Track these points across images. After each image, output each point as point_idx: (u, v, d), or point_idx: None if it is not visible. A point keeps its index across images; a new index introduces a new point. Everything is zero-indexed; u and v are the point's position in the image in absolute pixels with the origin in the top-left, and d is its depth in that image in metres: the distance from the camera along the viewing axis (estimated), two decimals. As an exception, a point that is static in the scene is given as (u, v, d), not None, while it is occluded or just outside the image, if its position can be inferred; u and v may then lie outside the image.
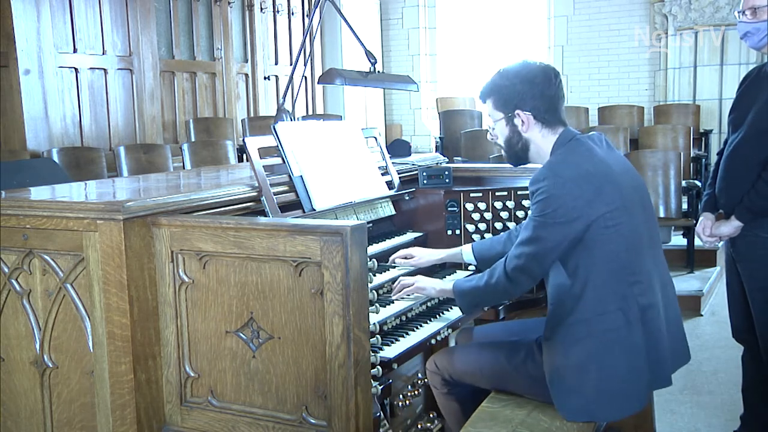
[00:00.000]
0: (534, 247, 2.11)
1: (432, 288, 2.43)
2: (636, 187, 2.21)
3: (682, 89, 8.24)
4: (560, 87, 2.24)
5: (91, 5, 6.15)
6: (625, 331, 2.09)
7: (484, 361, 2.36)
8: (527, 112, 2.21)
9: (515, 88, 2.21)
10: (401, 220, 2.98)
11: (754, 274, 2.80)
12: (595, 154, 2.15)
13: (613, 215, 2.07)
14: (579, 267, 2.11)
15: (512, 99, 2.22)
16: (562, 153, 2.18)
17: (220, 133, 7.05)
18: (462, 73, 10.27)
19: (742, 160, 2.75)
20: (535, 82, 2.20)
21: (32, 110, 5.67)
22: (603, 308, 2.09)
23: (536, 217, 2.10)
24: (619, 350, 2.09)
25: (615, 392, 2.10)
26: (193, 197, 2.04)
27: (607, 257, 2.08)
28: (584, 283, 2.10)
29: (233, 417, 1.91)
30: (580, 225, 2.06)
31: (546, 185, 2.08)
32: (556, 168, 2.11)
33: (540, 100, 2.20)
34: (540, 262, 2.14)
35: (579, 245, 2.09)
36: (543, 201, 2.08)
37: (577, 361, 2.11)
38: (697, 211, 3.02)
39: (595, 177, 2.08)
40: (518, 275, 2.16)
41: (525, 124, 2.22)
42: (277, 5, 8.32)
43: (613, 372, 2.09)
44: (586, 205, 2.05)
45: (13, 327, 2.09)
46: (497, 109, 2.26)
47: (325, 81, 2.76)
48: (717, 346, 4.55)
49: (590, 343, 2.10)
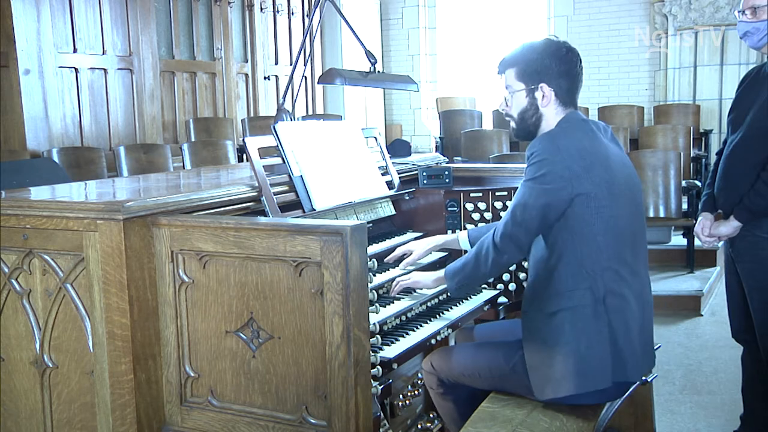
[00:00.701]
0: (521, 212, 2.16)
1: (427, 279, 2.46)
2: (629, 182, 2.23)
3: (682, 89, 8.25)
4: (582, 71, 2.28)
5: (91, 5, 6.15)
6: (590, 309, 2.14)
7: (481, 362, 2.37)
8: (551, 87, 2.24)
9: (543, 62, 2.23)
10: (401, 220, 2.98)
11: (753, 274, 2.80)
12: (596, 136, 2.20)
13: (597, 196, 2.11)
14: (557, 241, 2.17)
15: (539, 72, 2.24)
16: (564, 126, 2.23)
17: (220, 133, 7.05)
18: (462, 73, 10.28)
19: (741, 161, 2.75)
20: (563, 60, 2.23)
21: (32, 110, 5.67)
22: (574, 284, 2.15)
23: (526, 181, 2.16)
24: (583, 327, 2.14)
25: (578, 369, 2.13)
26: (193, 197, 2.04)
27: (584, 236, 2.13)
28: (559, 256, 2.16)
29: (233, 417, 1.91)
30: (565, 195, 2.11)
31: (540, 149, 2.14)
32: (554, 136, 2.18)
33: (565, 79, 2.24)
34: (526, 229, 2.17)
35: (561, 220, 2.14)
36: (536, 164, 2.14)
37: (547, 334, 2.17)
38: (697, 210, 3.01)
39: (589, 153, 2.13)
40: (506, 243, 2.20)
41: (545, 99, 2.25)
42: (277, 5, 8.32)
43: (576, 347, 2.13)
44: (574, 178, 2.10)
45: (13, 327, 2.09)
46: (519, 80, 2.27)
47: (325, 81, 2.76)
48: (717, 346, 4.55)
49: (558, 317, 2.16)
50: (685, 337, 4.77)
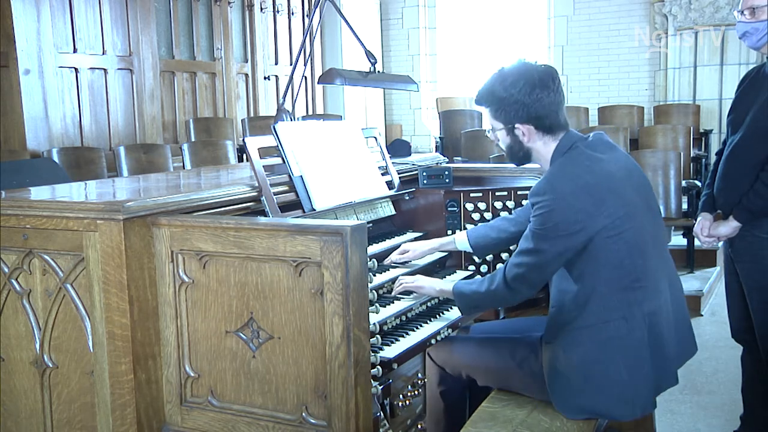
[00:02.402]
0: (534, 257, 2.09)
1: (432, 288, 2.43)
2: (639, 187, 2.18)
3: (682, 89, 8.25)
4: (560, 90, 2.18)
5: (91, 5, 6.15)
6: (628, 340, 2.08)
7: (487, 356, 2.35)
8: (528, 124, 2.18)
9: (513, 100, 2.15)
10: (401, 220, 2.98)
11: (752, 275, 2.79)
12: (594, 164, 2.11)
13: (615, 224, 2.05)
14: (584, 274, 2.10)
15: (511, 112, 2.17)
16: (561, 164, 2.15)
17: (220, 133, 7.05)
18: (462, 73, 10.27)
19: (740, 161, 2.75)
20: (534, 92, 2.13)
21: (32, 110, 5.67)
22: (607, 316, 2.08)
23: (537, 230, 2.08)
24: (622, 357, 2.08)
25: (618, 395, 2.09)
26: (193, 197, 2.04)
27: (611, 265, 2.07)
28: (590, 291, 2.09)
29: (233, 417, 1.91)
30: (582, 237, 2.05)
31: (546, 200, 2.06)
32: (555, 182, 2.09)
33: (540, 110, 2.15)
34: (540, 273, 2.13)
35: (583, 253, 2.08)
36: (543, 215, 2.06)
37: (579, 363, 2.11)
38: (697, 211, 3.01)
39: (595, 188, 2.06)
40: (518, 285, 2.15)
41: (526, 136, 2.20)
42: (277, 5, 8.32)
43: (616, 377, 2.08)
44: (588, 218, 2.03)
45: (13, 327, 2.09)
46: (496, 119, 2.23)
47: (325, 81, 2.76)
48: (717, 346, 4.55)
49: (592, 348, 2.10)
50: (685, 337, 4.77)
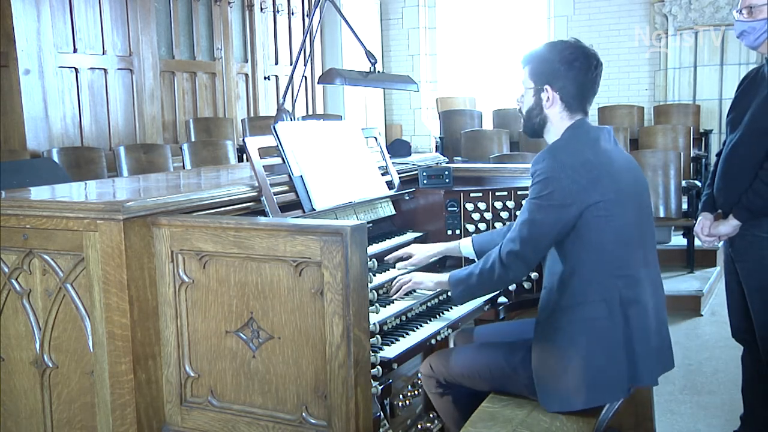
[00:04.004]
0: (528, 230, 2.14)
1: (429, 281, 2.45)
2: (636, 187, 2.22)
3: (682, 89, 8.25)
4: (597, 78, 2.26)
5: (91, 5, 6.14)
6: (606, 321, 2.12)
7: (481, 363, 2.36)
8: (556, 91, 2.23)
9: (553, 65, 2.22)
10: (401, 220, 2.98)
11: (752, 274, 2.80)
12: (599, 145, 2.18)
13: (606, 205, 2.10)
14: (568, 253, 2.15)
15: (547, 73, 2.24)
16: (567, 138, 2.22)
17: (220, 133, 7.05)
18: (462, 73, 10.27)
19: (740, 160, 2.75)
20: (574, 65, 2.21)
21: (32, 110, 5.67)
22: (585, 297, 2.13)
23: (532, 199, 2.14)
24: (598, 340, 2.12)
25: (592, 382, 2.12)
26: (193, 197, 2.04)
27: (594, 246, 2.12)
28: (572, 268, 2.14)
29: (233, 417, 1.91)
30: (574, 210, 2.09)
31: (544, 167, 2.12)
32: (557, 152, 2.16)
33: (572, 84, 2.22)
34: (534, 247, 2.16)
35: (571, 232, 2.12)
36: (541, 182, 2.12)
37: (559, 347, 2.15)
38: (697, 210, 3.01)
39: (594, 166, 2.12)
40: (513, 260, 2.18)
41: (550, 101, 2.24)
42: (277, 5, 8.32)
43: (591, 361, 2.11)
44: (581, 191, 2.08)
45: (13, 327, 2.09)
46: (531, 78, 2.28)
47: (325, 81, 2.76)
48: (717, 346, 4.55)
49: (571, 330, 2.14)
50: (685, 337, 4.77)
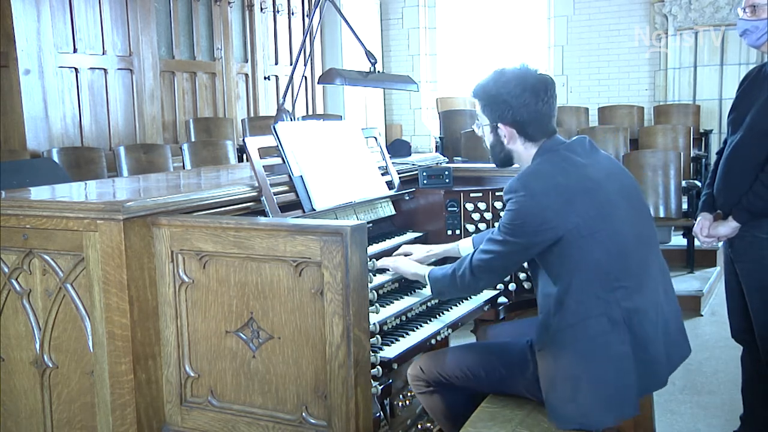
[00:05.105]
0: (500, 247, 2.13)
1: (407, 270, 2.48)
2: (623, 191, 2.17)
3: (682, 89, 8.24)
4: (551, 102, 2.19)
5: (91, 5, 6.14)
6: (610, 336, 2.07)
7: (478, 366, 2.34)
8: (511, 127, 2.19)
9: (501, 99, 2.17)
10: (401, 220, 2.98)
11: (752, 275, 2.79)
12: (570, 166, 2.12)
13: (587, 223, 2.05)
14: (560, 274, 2.11)
15: (497, 110, 2.20)
16: (537, 163, 2.18)
17: (220, 133, 7.05)
18: (462, 73, 10.27)
19: (740, 161, 2.75)
20: (523, 96, 2.15)
21: (32, 110, 5.67)
22: (586, 313, 2.07)
23: (505, 224, 2.12)
24: (605, 355, 2.07)
25: (605, 398, 2.08)
26: (193, 197, 2.04)
27: (586, 264, 2.07)
28: (566, 289, 2.09)
29: (233, 417, 1.91)
30: (551, 234, 2.06)
31: (516, 198, 2.09)
32: (528, 180, 2.11)
33: (525, 116, 2.16)
34: (504, 263, 2.17)
35: (558, 253, 2.08)
36: (513, 212, 2.10)
37: (567, 368, 2.10)
38: (697, 211, 3.01)
39: (566, 189, 2.07)
40: (481, 273, 2.19)
41: (507, 137, 2.22)
42: (277, 5, 8.32)
43: (601, 378, 2.07)
44: (556, 216, 2.05)
45: (13, 327, 2.09)
46: (484, 114, 2.26)
47: (325, 81, 2.76)
48: (717, 346, 4.56)
49: (577, 349, 2.09)
50: (685, 337, 4.77)
